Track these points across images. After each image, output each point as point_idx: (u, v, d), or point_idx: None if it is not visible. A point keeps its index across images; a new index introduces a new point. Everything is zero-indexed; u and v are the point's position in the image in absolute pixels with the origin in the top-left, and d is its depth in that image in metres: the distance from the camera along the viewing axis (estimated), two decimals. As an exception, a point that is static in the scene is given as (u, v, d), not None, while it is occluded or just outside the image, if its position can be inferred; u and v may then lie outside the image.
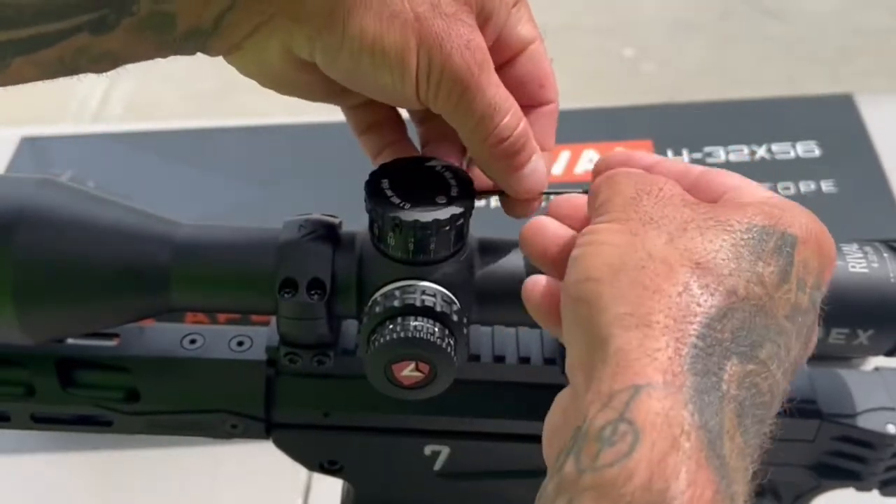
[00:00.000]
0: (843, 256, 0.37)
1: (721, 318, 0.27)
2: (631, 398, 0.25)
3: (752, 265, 0.28)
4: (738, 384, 0.26)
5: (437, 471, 0.41)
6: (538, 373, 0.39)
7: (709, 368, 0.26)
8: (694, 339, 0.26)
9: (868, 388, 0.41)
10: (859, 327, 0.36)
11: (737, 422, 0.26)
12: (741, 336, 0.27)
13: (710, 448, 0.24)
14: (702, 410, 0.25)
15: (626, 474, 0.23)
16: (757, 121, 0.81)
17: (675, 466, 0.23)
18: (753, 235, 0.29)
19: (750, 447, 0.26)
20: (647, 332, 0.26)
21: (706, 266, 0.28)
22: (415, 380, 0.35)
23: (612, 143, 0.81)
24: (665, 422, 0.24)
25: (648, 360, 0.25)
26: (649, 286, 0.27)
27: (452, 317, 0.34)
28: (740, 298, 0.27)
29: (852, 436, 0.40)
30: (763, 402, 0.27)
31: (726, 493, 0.24)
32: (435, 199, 0.34)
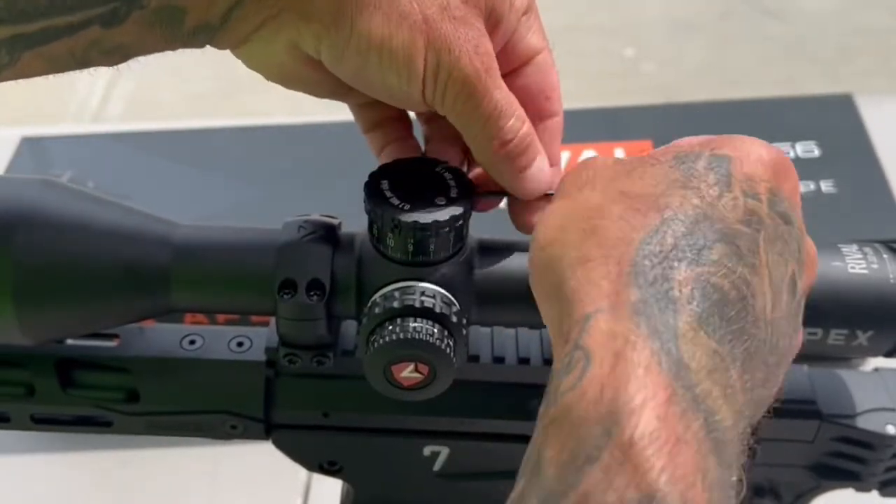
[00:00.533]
0: (842, 257, 0.37)
1: (658, 232, 0.27)
2: (583, 328, 0.25)
3: (685, 183, 0.29)
4: (693, 287, 0.26)
5: (437, 471, 0.41)
6: (538, 373, 0.39)
7: (655, 279, 0.26)
8: (634, 257, 0.26)
9: (868, 388, 0.41)
10: (859, 328, 0.36)
11: (696, 324, 0.25)
12: (685, 243, 0.27)
13: (662, 353, 0.24)
14: (650, 319, 0.25)
15: (580, 394, 0.24)
16: (757, 121, 0.81)
17: (623, 375, 0.24)
18: (682, 160, 0.29)
19: (728, 346, 0.26)
20: (590, 265, 0.27)
21: (636, 194, 0.28)
22: (414, 381, 0.35)
23: (612, 143, 0.81)
24: (611, 338, 0.25)
25: (594, 288, 0.26)
26: (587, 229, 0.28)
27: (452, 318, 0.34)
28: (676, 210, 0.28)
29: (852, 436, 0.40)
30: (730, 299, 0.27)
31: (686, 395, 0.24)
32: (434, 200, 0.34)
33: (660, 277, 0.26)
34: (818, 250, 0.35)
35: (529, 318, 0.37)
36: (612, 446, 0.23)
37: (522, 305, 0.36)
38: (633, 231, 0.27)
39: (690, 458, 0.23)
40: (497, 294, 0.36)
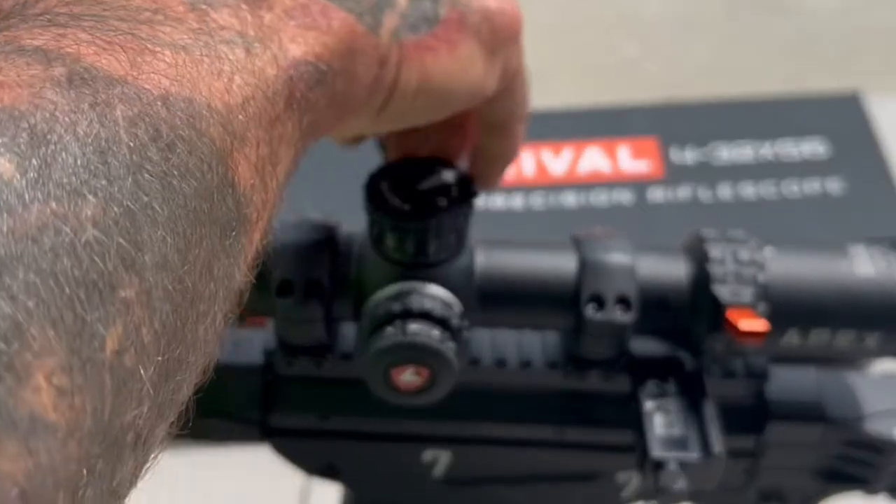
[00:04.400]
0: (849, 258, 0.36)
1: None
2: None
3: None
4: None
5: (437, 476, 0.41)
6: (539, 376, 0.39)
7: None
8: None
9: (875, 391, 0.41)
10: (866, 330, 0.36)
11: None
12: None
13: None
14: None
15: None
16: (763, 118, 0.80)
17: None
18: None
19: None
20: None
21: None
22: (414, 384, 0.35)
23: (616, 140, 0.80)
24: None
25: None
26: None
27: (452, 320, 0.34)
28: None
29: (859, 440, 0.40)
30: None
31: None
32: (435, 200, 0.34)
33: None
34: (825, 250, 0.35)
35: (531, 320, 0.37)
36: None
37: (524, 307, 0.36)
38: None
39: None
40: (499, 295, 0.36)
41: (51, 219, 0.16)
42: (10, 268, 0.15)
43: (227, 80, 0.21)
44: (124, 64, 0.19)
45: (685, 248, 0.37)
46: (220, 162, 0.21)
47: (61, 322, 0.16)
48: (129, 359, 0.17)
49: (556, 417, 0.39)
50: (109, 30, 0.20)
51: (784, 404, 0.39)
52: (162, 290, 0.18)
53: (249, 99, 0.22)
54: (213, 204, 0.20)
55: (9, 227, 0.15)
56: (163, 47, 0.20)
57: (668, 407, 0.36)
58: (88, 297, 0.16)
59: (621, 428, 0.38)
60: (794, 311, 0.35)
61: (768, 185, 0.75)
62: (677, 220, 0.74)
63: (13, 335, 0.15)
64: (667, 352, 0.37)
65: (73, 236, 0.16)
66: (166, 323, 0.19)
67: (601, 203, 0.76)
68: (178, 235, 0.19)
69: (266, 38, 0.23)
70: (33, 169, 0.16)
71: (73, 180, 0.17)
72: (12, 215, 0.15)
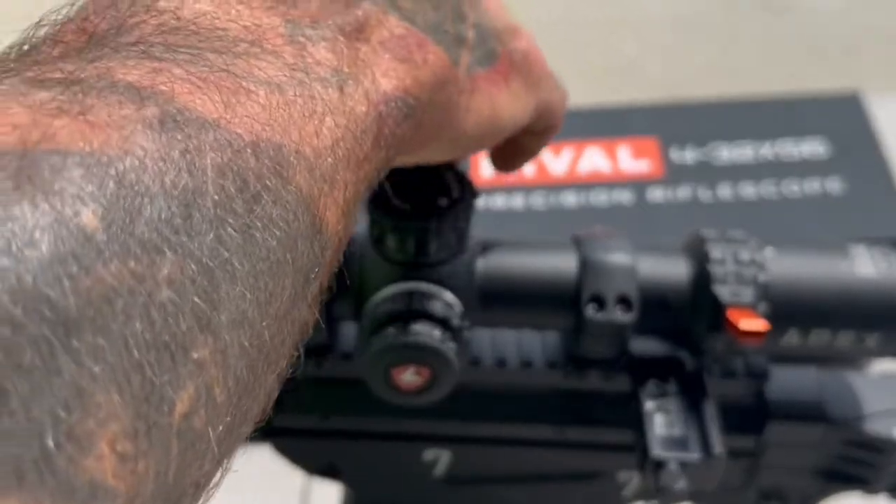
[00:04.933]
0: (849, 258, 0.36)
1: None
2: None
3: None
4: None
5: (437, 476, 0.41)
6: (540, 376, 0.39)
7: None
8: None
9: (875, 391, 0.41)
10: (866, 330, 0.36)
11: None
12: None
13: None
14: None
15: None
16: (763, 118, 0.80)
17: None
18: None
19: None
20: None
21: None
22: (415, 384, 0.35)
23: (616, 139, 0.80)
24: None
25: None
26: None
27: (453, 320, 0.34)
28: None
29: (859, 440, 0.40)
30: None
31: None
32: (436, 200, 0.34)
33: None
34: (825, 250, 0.35)
35: (532, 320, 0.37)
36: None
37: (525, 307, 0.36)
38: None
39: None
40: (499, 295, 0.36)
41: (127, 278, 0.15)
42: (79, 330, 0.15)
43: (318, 121, 0.21)
44: (218, 105, 0.19)
45: (685, 249, 0.37)
46: (307, 210, 0.20)
47: (128, 386, 0.15)
48: (198, 421, 0.17)
49: (556, 417, 0.39)
50: (205, 65, 0.19)
51: (784, 404, 0.39)
52: (238, 348, 0.18)
53: (339, 141, 0.22)
54: (298, 253, 0.20)
55: (84, 287, 0.15)
56: (257, 86, 0.20)
57: (668, 407, 0.36)
58: (159, 359, 0.16)
59: (621, 428, 0.38)
60: (795, 311, 0.35)
61: (768, 185, 0.75)
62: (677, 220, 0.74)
63: (76, 403, 0.14)
64: (667, 352, 0.37)
65: (148, 298, 0.16)
66: (240, 379, 0.18)
67: (601, 203, 0.76)
68: (259, 290, 0.19)
69: (360, 73, 0.23)
70: (116, 222, 0.16)
71: (153, 236, 0.16)
72: (89, 274, 0.15)
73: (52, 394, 0.14)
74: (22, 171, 0.15)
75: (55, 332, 0.14)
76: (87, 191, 0.15)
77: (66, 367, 0.14)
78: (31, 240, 0.14)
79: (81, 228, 0.15)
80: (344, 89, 0.22)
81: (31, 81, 0.17)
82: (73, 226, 0.15)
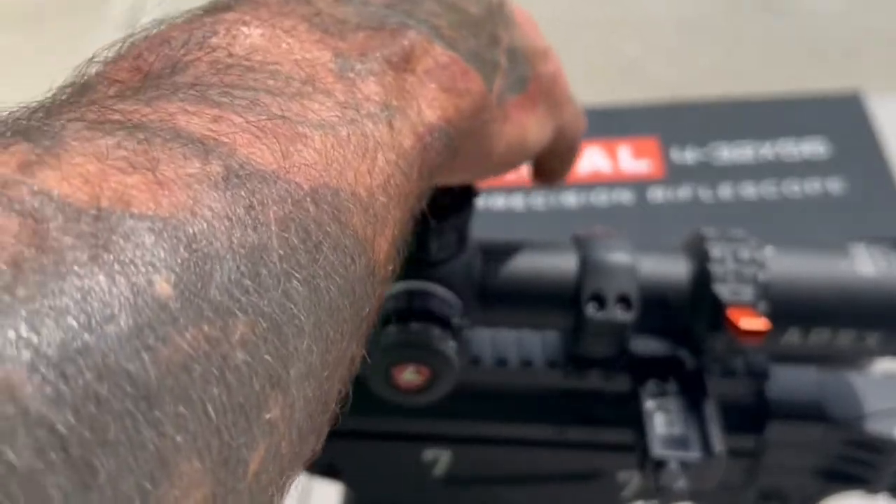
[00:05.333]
0: (849, 257, 0.36)
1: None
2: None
3: None
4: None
5: (438, 476, 0.41)
6: (540, 376, 0.39)
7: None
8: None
9: (875, 391, 0.40)
10: (867, 329, 0.36)
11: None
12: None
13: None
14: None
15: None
16: (763, 118, 0.80)
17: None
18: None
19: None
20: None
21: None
22: (415, 383, 0.35)
23: (616, 139, 0.80)
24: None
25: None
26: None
27: (453, 320, 0.34)
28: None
29: (859, 440, 0.39)
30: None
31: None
32: (436, 200, 0.34)
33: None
34: (825, 249, 0.35)
35: (532, 319, 0.37)
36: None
37: (525, 306, 0.36)
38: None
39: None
40: (499, 295, 0.36)
41: (202, 344, 0.16)
42: (161, 401, 0.15)
43: (370, 160, 0.21)
44: (277, 155, 0.19)
45: (686, 248, 0.37)
46: (363, 253, 0.21)
47: (208, 452, 0.15)
48: (266, 478, 0.17)
49: (556, 417, 0.39)
50: (262, 112, 0.20)
51: (785, 404, 0.39)
52: (303, 401, 0.18)
53: (390, 177, 0.22)
54: (355, 298, 0.20)
55: (162, 358, 0.15)
56: (312, 130, 0.20)
57: (668, 406, 0.36)
58: (235, 422, 0.16)
59: (622, 427, 0.38)
60: (795, 310, 0.35)
61: (769, 185, 0.75)
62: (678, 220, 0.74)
63: (161, 474, 0.15)
64: (667, 351, 0.37)
65: (223, 361, 0.16)
66: (301, 430, 0.19)
67: (601, 203, 0.76)
68: (322, 340, 0.19)
69: (406, 105, 0.24)
70: (189, 288, 0.16)
71: (225, 299, 0.16)
72: (167, 344, 0.15)
73: (138, 467, 0.14)
74: (97, 236, 0.15)
75: (138, 405, 0.14)
76: (160, 258, 0.16)
77: (149, 440, 0.14)
78: (111, 315, 0.15)
79: (156, 298, 0.15)
80: (393, 123, 0.23)
81: (93, 125, 0.18)
82: (148, 296, 0.15)
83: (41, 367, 0.13)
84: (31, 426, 0.13)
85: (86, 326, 0.14)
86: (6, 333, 0.13)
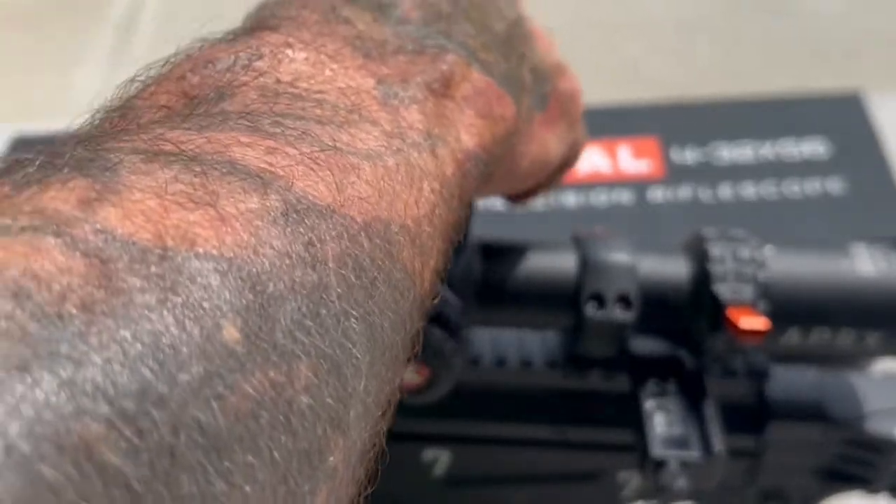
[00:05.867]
0: (849, 257, 0.36)
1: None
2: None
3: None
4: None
5: (437, 476, 0.41)
6: (540, 376, 0.39)
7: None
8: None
9: (876, 391, 0.40)
10: (867, 329, 0.36)
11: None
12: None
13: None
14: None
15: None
16: (763, 118, 0.80)
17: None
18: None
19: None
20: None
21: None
22: (414, 383, 0.34)
23: (616, 139, 0.80)
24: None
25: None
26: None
27: (452, 319, 0.34)
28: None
29: (859, 440, 0.39)
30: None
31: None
32: None
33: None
34: (825, 248, 0.34)
35: (531, 319, 0.37)
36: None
37: (524, 306, 0.36)
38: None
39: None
40: (499, 294, 0.36)
41: (268, 390, 0.15)
42: (230, 451, 0.14)
43: (417, 190, 0.21)
44: (331, 188, 0.19)
45: (685, 247, 0.37)
46: (412, 287, 0.20)
47: (273, 501, 0.15)
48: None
49: (556, 417, 0.39)
50: (314, 143, 0.19)
51: (785, 403, 0.39)
52: (360, 443, 0.18)
53: (434, 207, 0.22)
54: (405, 333, 0.20)
55: (231, 406, 0.15)
56: (362, 160, 0.20)
57: (668, 406, 0.36)
58: (300, 469, 0.16)
59: (621, 427, 0.38)
60: (795, 309, 0.35)
61: (769, 185, 0.75)
62: (678, 220, 0.74)
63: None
64: (667, 351, 0.37)
65: (288, 407, 0.16)
66: (356, 472, 0.18)
67: (601, 203, 0.76)
68: (376, 378, 0.19)
69: (446, 133, 0.24)
70: (254, 331, 0.15)
71: (288, 342, 0.16)
72: (234, 392, 0.15)
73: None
74: (164, 278, 0.15)
75: (209, 456, 0.14)
76: (227, 300, 0.15)
77: (220, 492, 0.14)
78: (182, 362, 0.14)
79: (224, 343, 0.15)
80: (436, 152, 0.23)
81: (147, 155, 0.17)
82: (217, 342, 0.15)
83: (118, 423, 0.13)
84: (109, 484, 0.13)
85: (159, 375, 0.14)
86: (84, 386, 0.13)
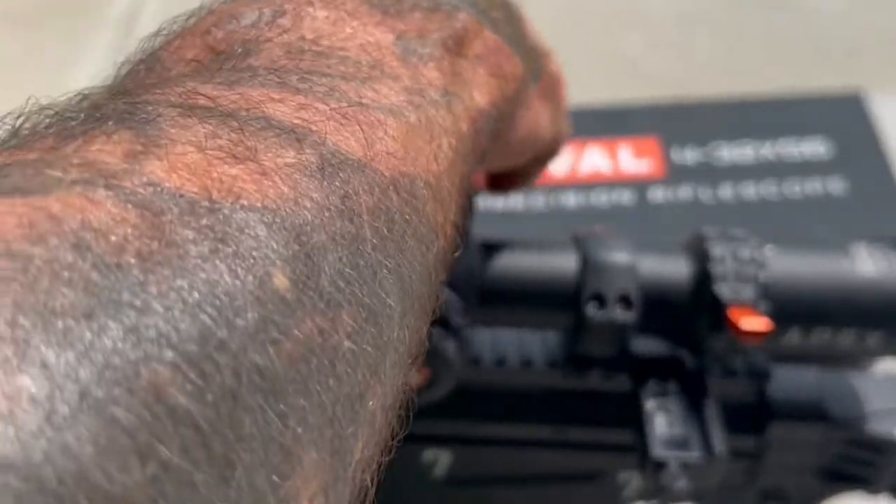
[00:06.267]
0: (850, 257, 0.36)
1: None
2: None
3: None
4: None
5: (437, 476, 0.41)
6: (540, 376, 0.39)
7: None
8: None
9: (877, 391, 0.40)
10: (867, 329, 0.36)
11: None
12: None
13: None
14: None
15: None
16: (764, 118, 0.80)
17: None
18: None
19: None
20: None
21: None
22: (414, 383, 0.34)
23: (616, 139, 0.80)
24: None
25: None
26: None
27: (453, 319, 0.34)
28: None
29: (860, 440, 0.39)
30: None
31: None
32: None
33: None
34: (825, 248, 0.34)
35: (532, 319, 0.37)
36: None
37: (525, 306, 0.36)
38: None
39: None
40: (499, 294, 0.36)
41: (316, 336, 0.16)
42: (285, 394, 0.15)
43: (436, 146, 0.22)
44: (361, 142, 0.19)
45: (686, 247, 0.37)
46: (435, 240, 0.21)
47: (322, 443, 0.16)
48: (360, 468, 0.18)
49: (556, 417, 0.39)
50: (342, 98, 0.20)
51: (785, 404, 0.39)
52: (393, 391, 0.19)
53: (452, 163, 0.22)
54: (431, 285, 0.21)
55: (285, 351, 0.15)
56: (387, 116, 0.20)
57: (669, 406, 0.36)
58: (344, 412, 0.16)
59: (622, 427, 0.38)
60: (796, 309, 0.35)
61: (770, 185, 0.75)
62: (678, 220, 0.74)
63: (287, 467, 0.15)
64: (668, 351, 0.37)
65: (334, 353, 0.16)
66: (390, 418, 0.19)
67: (602, 203, 0.76)
68: (407, 329, 0.19)
69: (461, 90, 0.24)
70: (302, 280, 0.16)
71: (333, 290, 0.16)
72: (288, 337, 0.15)
73: (268, 461, 0.14)
74: (214, 229, 0.15)
75: (267, 399, 0.14)
76: (275, 250, 0.16)
77: (277, 433, 0.15)
78: (238, 309, 0.14)
79: (276, 291, 0.15)
80: (451, 109, 0.23)
81: (183, 109, 0.17)
82: (269, 289, 0.15)
83: (183, 367, 0.13)
84: (178, 424, 0.13)
85: (218, 321, 0.14)
86: (148, 333, 0.13)
